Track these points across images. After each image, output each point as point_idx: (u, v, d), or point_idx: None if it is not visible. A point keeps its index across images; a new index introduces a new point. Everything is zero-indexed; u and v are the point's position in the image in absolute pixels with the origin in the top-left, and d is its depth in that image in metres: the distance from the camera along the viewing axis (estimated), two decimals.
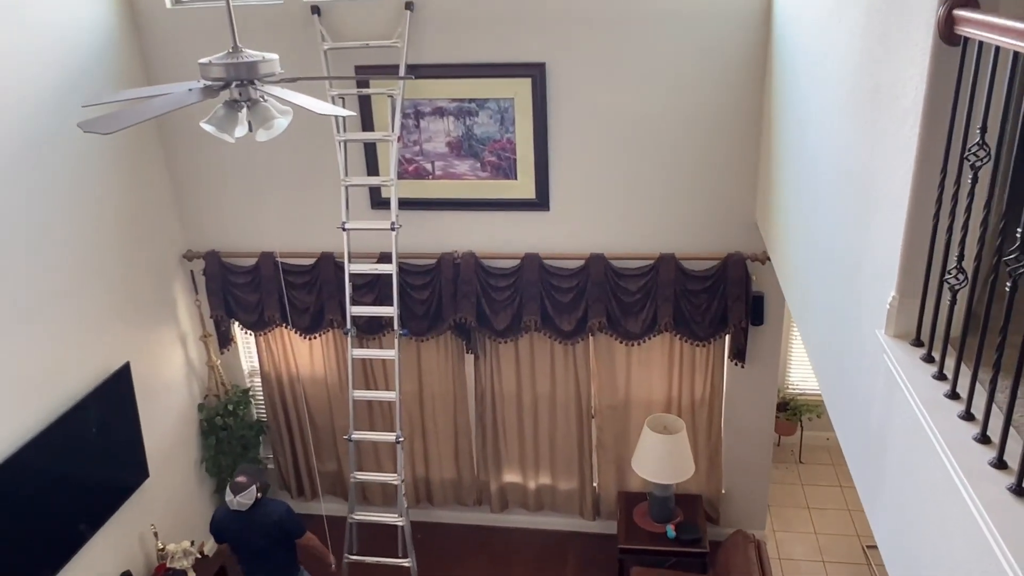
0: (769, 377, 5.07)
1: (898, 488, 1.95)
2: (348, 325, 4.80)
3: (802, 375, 6.30)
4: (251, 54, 2.37)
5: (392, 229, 4.63)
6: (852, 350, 2.39)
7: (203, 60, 2.37)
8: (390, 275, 4.74)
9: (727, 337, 4.92)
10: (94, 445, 4.39)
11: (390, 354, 4.83)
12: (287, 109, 2.49)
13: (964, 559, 1.52)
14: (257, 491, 4.27)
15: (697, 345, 4.92)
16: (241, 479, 4.26)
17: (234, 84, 2.37)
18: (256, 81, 2.38)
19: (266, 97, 2.43)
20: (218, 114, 2.39)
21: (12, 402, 3.85)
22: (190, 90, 2.32)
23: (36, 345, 4.00)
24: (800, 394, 6.29)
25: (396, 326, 4.75)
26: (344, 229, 4.69)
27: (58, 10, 4.12)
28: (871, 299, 2.18)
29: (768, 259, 4.65)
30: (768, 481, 5.39)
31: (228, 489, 4.25)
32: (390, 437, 4.88)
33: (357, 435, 4.89)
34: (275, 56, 2.43)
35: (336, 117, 4.62)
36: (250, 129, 2.44)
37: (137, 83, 4.80)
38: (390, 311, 4.74)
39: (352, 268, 4.76)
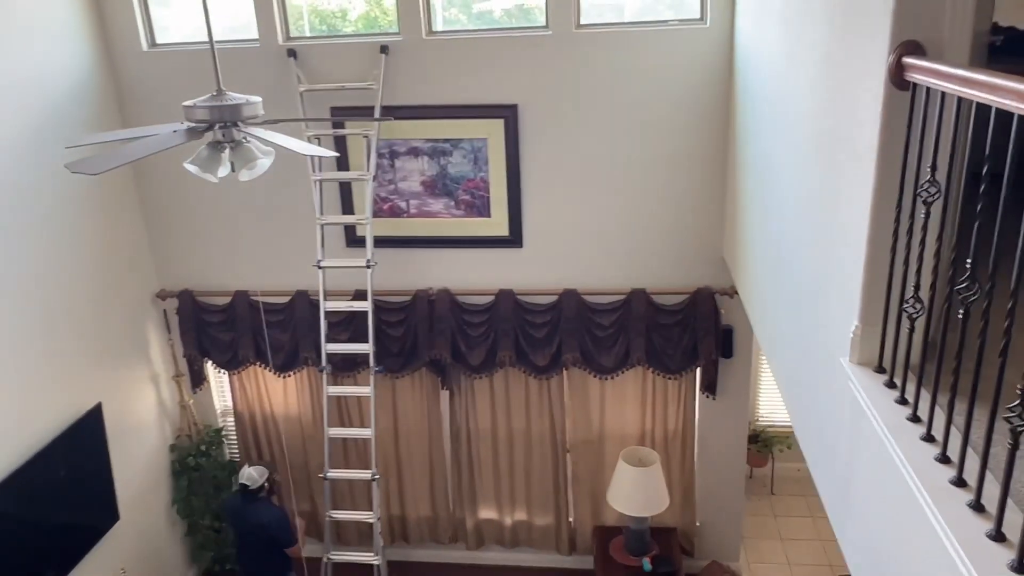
0: (740, 409, 5.16)
1: (866, 511, 2.03)
2: (323, 363, 4.81)
3: (771, 407, 6.40)
4: (235, 97, 2.44)
5: (368, 267, 4.68)
6: (819, 379, 2.48)
7: (187, 103, 2.43)
8: (365, 312, 4.78)
9: (698, 370, 5.01)
10: (64, 488, 4.32)
11: (366, 391, 4.84)
12: (269, 150, 2.56)
13: (929, 575, 1.59)
14: (267, 482, 4.63)
15: (669, 378, 5.00)
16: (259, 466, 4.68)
17: (218, 126, 2.42)
18: (239, 123, 2.44)
19: (248, 138, 2.49)
20: (202, 155, 2.44)
21: None
22: (175, 131, 2.37)
23: (5, 386, 3.95)
24: (770, 426, 6.39)
25: (372, 363, 4.77)
26: (320, 267, 4.72)
27: (34, 53, 4.16)
28: (836, 328, 2.28)
29: (736, 293, 4.77)
30: (742, 512, 5.45)
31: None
32: (366, 475, 4.87)
33: (333, 473, 4.87)
34: (258, 99, 2.50)
35: (312, 156, 4.69)
36: (232, 169, 2.50)
37: (113, 125, 4.83)
38: (366, 348, 4.76)
39: (327, 306, 4.78)
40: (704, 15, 4.39)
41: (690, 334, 4.84)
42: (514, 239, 4.90)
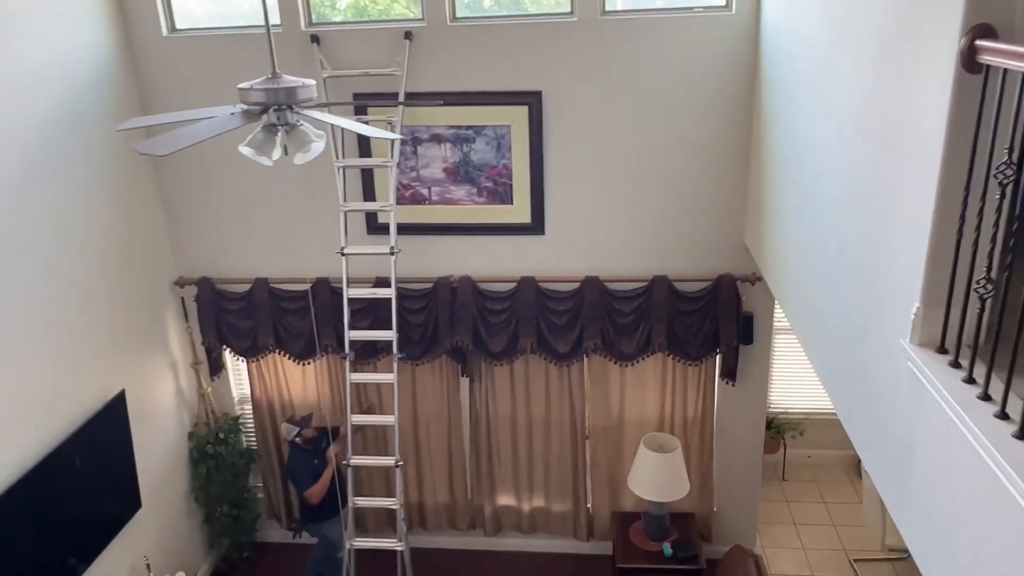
0: (758, 395, 5.20)
1: (930, 490, 2.06)
2: (346, 350, 4.81)
3: (784, 394, 6.45)
4: (290, 79, 2.43)
5: (391, 254, 4.67)
6: (870, 361, 2.50)
7: (243, 85, 2.42)
8: (386, 300, 4.77)
9: (718, 356, 5.04)
10: (89, 475, 4.31)
11: (389, 378, 4.82)
12: (322, 133, 2.55)
13: (1010, 551, 1.62)
14: (296, 436, 4.91)
15: (689, 365, 5.03)
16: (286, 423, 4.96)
17: (272, 109, 2.42)
18: (294, 106, 2.43)
19: (302, 122, 2.49)
20: (257, 138, 2.43)
21: (8, 433, 3.77)
22: (232, 114, 2.36)
23: (30, 374, 3.93)
24: (782, 413, 6.45)
25: (395, 350, 4.77)
26: (343, 254, 4.71)
27: (55, 39, 4.12)
28: (892, 311, 2.30)
29: (758, 280, 4.80)
30: (758, 498, 5.50)
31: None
32: (389, 461, 4.87)
33: (356, 460, 4.86)
34: (313, 82, 2.49)
35: (335, 142, 4.68)
36: (286, 153, 2.49)
37: (133, 111, 4.80)
38: (389, 335, 4.76)
39: (351, 292, 4.77)
40: (729, 2, 4.39)
41: (711, 321, 4.87)
42: (536, 226, 4.91)
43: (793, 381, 6.38)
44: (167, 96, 4.85)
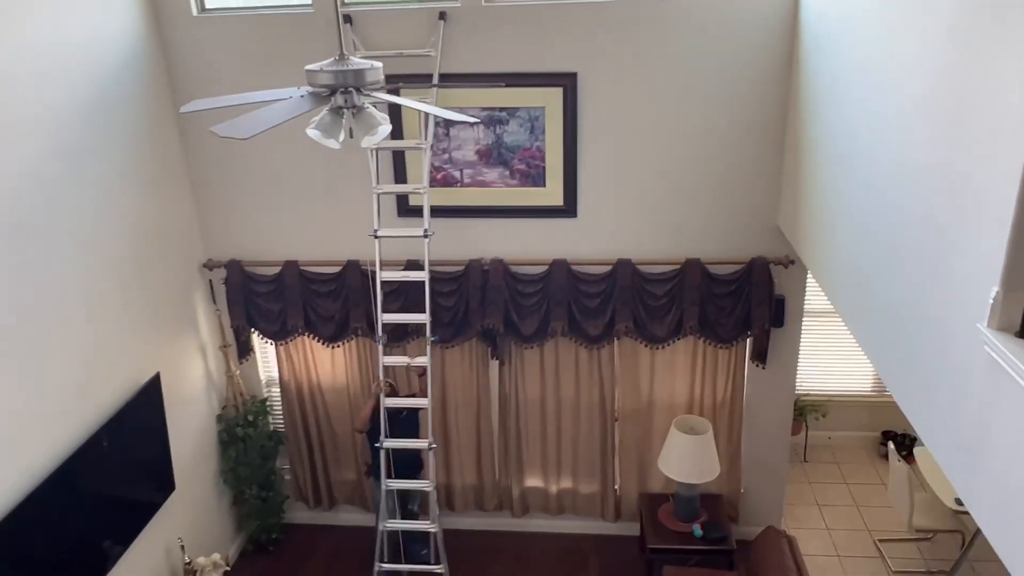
0: (787, 377, 5.22)
1: (1008, 471, 2.07)
2: (379, 333, 4.79)
3: (807, 375, 6.47)
4: (358, 61, 2.41)
5: (424, 236, 4.64)
6: (937, 344, 2.51)
7: (311, 67, 2.40)
8: (417, 283, 4.75)
9: (749, 339, 5.06)
10: (126, 458, 4.32)
11: (423, 361, 4.80)
12: (386, 116, 2.53)
13: None
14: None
15: (720, 347, 5.04)
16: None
17: (340, 91, 2.40)
18: (362, 88, 2.41)
19: (366, 104, 2.47)
20: (324, 121, 2.41)
21: (48, 420, 3.76)
22: (302, 96, 2.34)
23: (69, 359, 3.92)
24: (805, 394, 6.47)
25: (428, 333, 4.76)
26: (376, 236, 4.68)
27: (88, 21, 4.07)
28: (966, 295, 2.31)
29: (791, 263, 4.81)
30: (785, 479, 5.54)
31: None
32: (422, 444, 4.87)
33: (389, 443, 4.86)
34: (380, 64, 2.47)
35: None
36: (351, 136, 2.47)
37: (162, 93, 4.76)
38: (422, 318, 4.73)
39: (383, 276, 4.75)
40: None
41: (744, 303, 4.88)
42: (568, 209, 4.89)
43: (816, 363, 6.39)
44: (196, 77, 4.80)
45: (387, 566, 4.99)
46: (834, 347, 6.33)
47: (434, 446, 4.86)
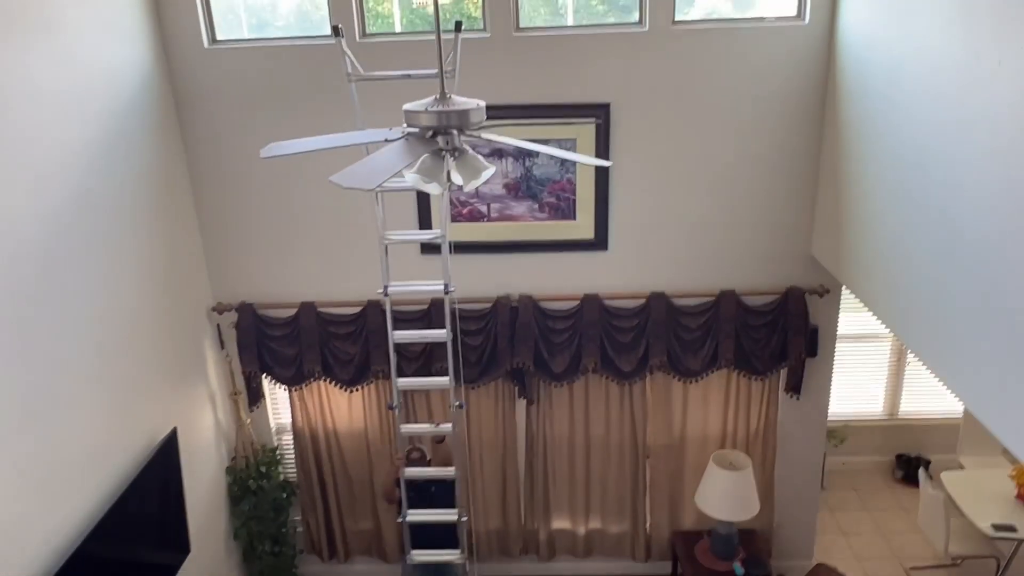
0: (819, 408, 5.14)
1: None
2: (395, 400, 4.35)
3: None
4: (461, 101, 2.23)
5: (446, 293, 4.10)
6: None
7: (410, 106, 2.21)
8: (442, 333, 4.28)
9: (783, 370, 4.97)
10: (145, 524, 3.99)
11: (446, 428, 4.40)
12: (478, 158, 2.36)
13: None
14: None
15: (755, 379, 4.94)
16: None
17: (442, 133, 2.21)
18: (465, 129, 2.23)
19: (468, 147, 2.29)
20: (425, 164, 2.22)
21: (68, 488, 3.44)
22: (406, 139, 2.15)
23: (85, 421, 3.59)
24: None
25: (452, 398, 4.35)
26: (386, 294, 4.16)
27: (99, 56, 3.79)
28: None
29: (826, 292, 4.74)
30: (817, 511, 5.44)
31: None
32: (451, 516, 4.44)
33: (413, 516, 4.44)
34: (483, 103, 2.29)
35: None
36: (448, 179, 2.29)
37: (172, 128, 4.49)
38: (444, 383, 4.33)
39: (397, 337, 4.26)
40: (802, 12, 4.32)
41: (780, 334, 4.79)
42: (600, 242, 4.76)
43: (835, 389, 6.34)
44: (206, 112, 4.55)
45: None
46: (847, 371, 6.29)
47: (464, 519, 4.48)
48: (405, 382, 4.40)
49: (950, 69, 3.05)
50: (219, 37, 4.52)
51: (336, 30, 3.52)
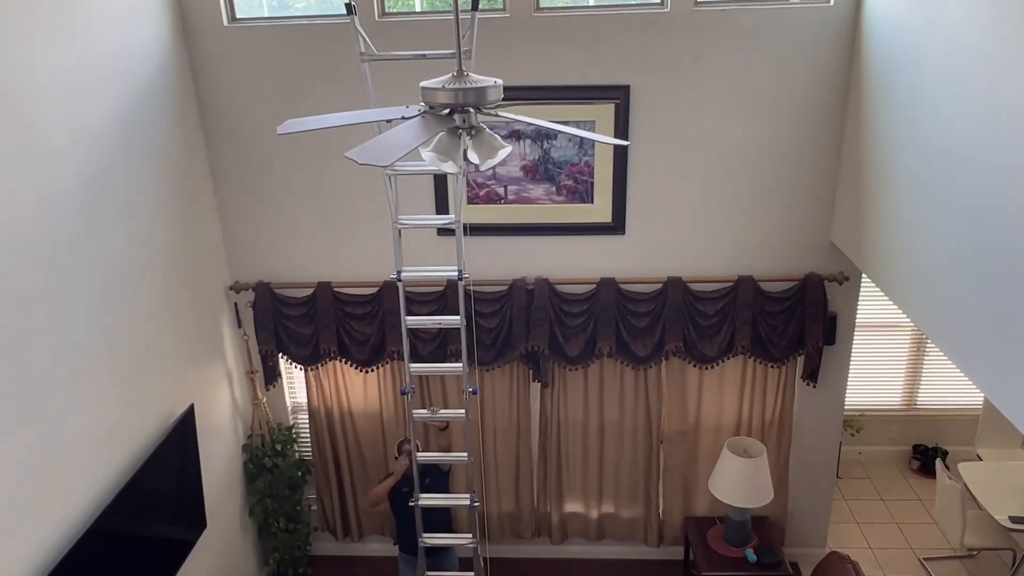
0: (836, 396, 5.10)
1: None
2: (407, 385, 4.24)
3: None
4: (478, 79, 2.21)
5: (459, 279, 3.98)
6: None
7: (427, 84, 2.20)
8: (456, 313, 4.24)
9: (800, 358, 4.93)
10: (162, 499, 4.04)
11: (459, 415, 4.30)
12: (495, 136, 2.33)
13: None
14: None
15: (771, 366, 4.90)
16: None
17: (459, 111, 2.20)
18: (482, 107, 2.21)
19: (484, 126, 2.27)
20: (441, 142, 2.21)
21: (85, 463, 3.48)
22: (423, 115, 2.13)
23: (102, 397, 3.62)
24: None
25: (465, 385, 4.25)
26: (399, 279, 4.07)
27: (118, 35, 3.79)
28: None
29: (845, 279, 4.69)
30: (831, 499, 5.42)
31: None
32: (463, 500, 4.44)
33: (425, 500, 4.39)
34: (500, 82, 2.27)
35: None
36: (465, 158, 2.27)
37: (190, 107, 4.49)
38: (458, 368, 4.20)
39: (411, 322, 4.16)
40: None
41: (797, 321, 4.75)
42: (617, 226, 4.73)
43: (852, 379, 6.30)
44: (224, 91, 4.55)
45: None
46: (864, 361, 6.24)
47: (477, 503, 4.43)
48: (418, 367, 4.34)
49: (979, 56, 2.98)
50: (239, 15, 4.51)
51: (349, 8, 3.42)
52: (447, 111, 2.21)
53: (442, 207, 4.71)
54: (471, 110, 2.21)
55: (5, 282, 2.97)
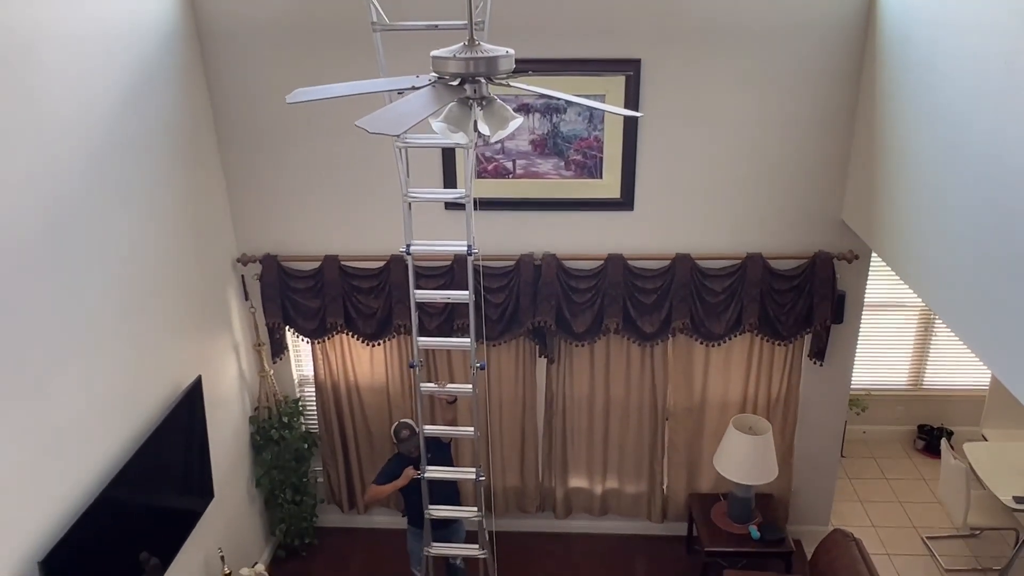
0: (843, 375, 5.10)
1: None
2: (415, 358, 4.27)
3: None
4: (489, 48, 2.19)
5: (469, 254, 3.94)
6: None
7: (437, 53, 2.17)
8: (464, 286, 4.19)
9: (807, 336, 4.91)
10: (170, 470, 4.07)
11: (466, 390, 4.31)
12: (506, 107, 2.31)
13: None
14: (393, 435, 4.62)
15: (778, 344, 4.90)
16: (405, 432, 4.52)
17: (470, 80, 2.17)
18: (493, 77, 2.19)
19: (496, 95, 2.24)
20: (452, 112, 2.19)
21: (94, 436, 3.49)
22: (433, 85, 2.11)
23: (112, 367, 3.63)
24: None
25: (473, 359, 4.24)
26: (408, 252, 4.04)
27: (126, 2, 3.75)
28: None
29: (855, 257, 4.67)
30: (835, 478, 5.43)
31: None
32: (469, 474, 4.44)
33: (432, 473, 4.41)
34: (512, 51, 2.24)
35: None
36: (476, 128, 2.25)
37: (196, 75, 4.46)
38: (465, 343, 4.18)
39: (419, 295, 4.15)
40: None
41: (806, 299, 4.74)
42: (626, 202, 4.70)
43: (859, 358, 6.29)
44: (231, 59, 4.51)
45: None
46: (870, 341, 6.22)
47: (482, 478, 4.44)
48: (426, 341, 4.31)
49: (996, 32, 2.93)
50: None
51: None
52: (458, 81, 2.19)
53: (450, 181, 4.69)
54: (482, 80, 2.19)
55: (16, 255, 2.96)
